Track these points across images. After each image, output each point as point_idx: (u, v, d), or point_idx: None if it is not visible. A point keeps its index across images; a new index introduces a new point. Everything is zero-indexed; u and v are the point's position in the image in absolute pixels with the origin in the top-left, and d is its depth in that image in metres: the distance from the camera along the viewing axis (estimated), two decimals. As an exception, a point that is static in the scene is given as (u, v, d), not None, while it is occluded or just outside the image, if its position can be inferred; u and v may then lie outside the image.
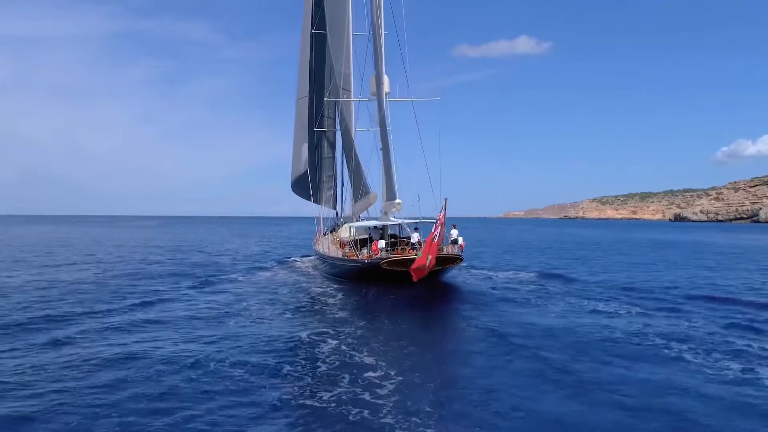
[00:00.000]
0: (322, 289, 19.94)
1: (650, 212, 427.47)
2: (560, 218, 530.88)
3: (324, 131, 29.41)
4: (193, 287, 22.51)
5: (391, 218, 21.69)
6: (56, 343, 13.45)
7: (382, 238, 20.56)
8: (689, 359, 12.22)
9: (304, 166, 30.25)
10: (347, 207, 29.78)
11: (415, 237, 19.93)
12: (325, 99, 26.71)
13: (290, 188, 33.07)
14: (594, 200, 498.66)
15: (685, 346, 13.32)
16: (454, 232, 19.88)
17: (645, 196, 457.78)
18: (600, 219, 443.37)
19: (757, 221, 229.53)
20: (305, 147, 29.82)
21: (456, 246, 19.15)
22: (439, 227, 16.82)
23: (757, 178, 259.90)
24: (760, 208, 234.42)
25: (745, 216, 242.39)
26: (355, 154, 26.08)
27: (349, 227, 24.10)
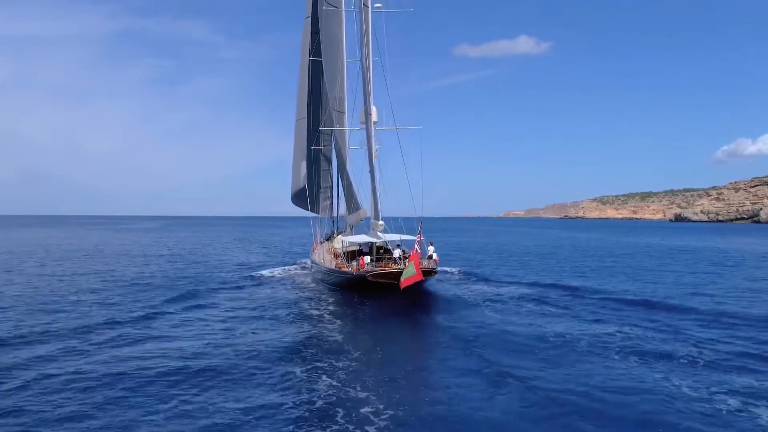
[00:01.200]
0: (317, 296, 22.83)
1: (651, 212, 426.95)
2: (561, 218, 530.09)
3: (321, 149, 32.03)
4: (187, 307, 21.64)
5: (379, 233, 24.47)
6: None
7: (369, 252, 23.47)
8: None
9: (302, 181, 32.74)
10: (341, 220, 32.75)
11: (396, 252, 22.42)
12: (321, 128, 29.70)
13: (290, 200, 36.02)
14: (594, 200, 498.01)
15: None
16: (431, 249, 22.66)
17: (645, 196, 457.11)
18: (600, 219, 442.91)
19: (758, 221, 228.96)
20: (303, 164, 32.27)
21: (431, 260, 21.94)
22: (420, 241, 20.23)
23: (757, 178, 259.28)
24: (761, 209, 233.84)
25: (745, 216, 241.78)
26: (347, 174, 28.87)
27: (342, 240, 26.49)
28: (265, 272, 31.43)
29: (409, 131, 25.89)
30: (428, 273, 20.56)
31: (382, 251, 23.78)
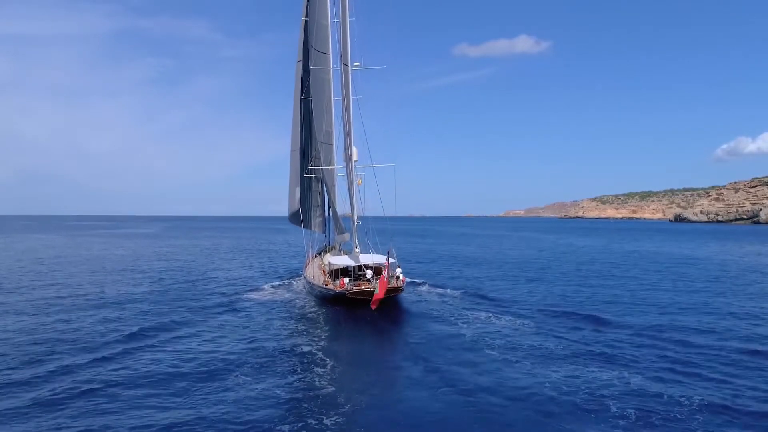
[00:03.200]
0: (309, 310, 26.82)
1: (650, 211, 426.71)
2: (560, 217, 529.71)
3: (313, 176, 35.47)
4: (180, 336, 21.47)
5: (358, 257, 29.30)
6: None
7: (349, 273, 27.82)
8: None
9: (297, 205, 36.77)
10: (332, 234, 36.98)
11: (368, 273, 26.80)
12: (309, 167, 33.67)
13: (288, 219, 40.53)
14: (594, 199, 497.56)
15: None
16: (399, 271, 26.98)
17: (645, 195, 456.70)
18: (600, 218, 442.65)
19: (758, 222, 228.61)
20: (297, 190, 36.49)
21: (398, 281, 25.99)
22: (386, 269, 24.83)
23: (757, 178, 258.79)
24: (761, 209, 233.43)
25: (745, 217, 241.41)
26: (334, 205, 33.43)
27: (328, 262, 30.20)
28: (266, 287, 34.00)
29: (387, 164, 31.25)
30: (395, 291, 25.12)
31: (360, 272, 27.80)
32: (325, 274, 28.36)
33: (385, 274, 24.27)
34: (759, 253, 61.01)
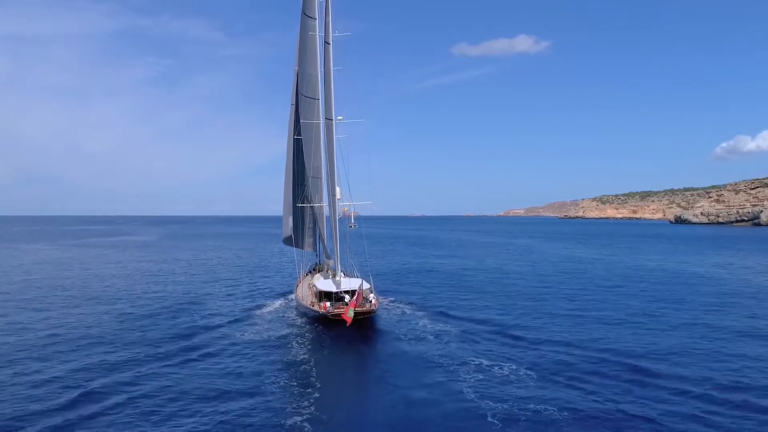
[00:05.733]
0: (298, 329, 30.54)
1: (650, 211, 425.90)
2: (561, 217, 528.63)
3: (304, 206, 39.31)
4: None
5: (340, 283, 32.95)
6: None
7: (331, 296, 31.68)
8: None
9: (290, 231, 41.52)
10: (322, 256, 41.42)
11: (347, 298, 30.87)
12: (299, 204, 38.32)
13: (282, 242, 45.34)
14: (594, 199, 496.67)
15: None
16: (372, 296, 31.25)
17: (645, 195, 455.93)
18: (600, 218, 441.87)
19: (758, 224, 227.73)
20: (290, 218, 41.00)
21: (370, 304, 30.20)
22: (358, 296, 29.26)
23: (758, 180, 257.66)
24: (761, 211, 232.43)
25: (746, 218, 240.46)
26: (321, 232, 38.29)
27: (315, 284, 33.67)
28: (263, 308, 36.82)
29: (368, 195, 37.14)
30: (368, 313, 29.27)
31: (340, 295, 31.77)
32: (312, 295, 32.98)
33: (356, 300, 28.84)
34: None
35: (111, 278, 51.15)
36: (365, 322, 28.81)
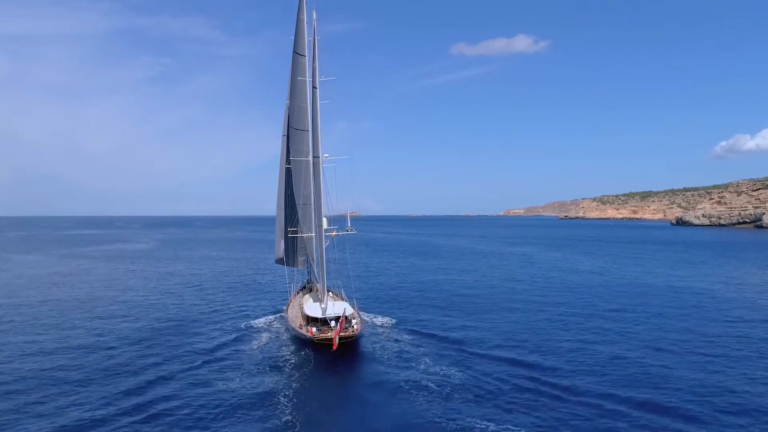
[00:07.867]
0: (285, 349, 33.74)
1: (651, 212, 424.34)
2: (561, 218, 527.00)
3: (296, 230, 41.14)
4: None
5: (328, 304, 35.24)
6: None
7: (317, 322, 33.55)
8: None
9: (282, 254, 44.15)
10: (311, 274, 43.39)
11: (332, 323, 32.53)
12: (290, 229, 40.60)
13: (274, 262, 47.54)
14: (595, 200, 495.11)
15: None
16: (354, 321, 33.01)
17: (646, 195, 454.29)
18: (601, 219, 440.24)
19: (761, 226, 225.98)
20: (282, 242, 43.52)
21: (353, 329, 31.68)
22: (341, 323, 30.49)
23: (759, 181, 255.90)
24: (764, 213, 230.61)
25: (747, 220, 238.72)
26: (310, 256, 40.78)
27: (304, 308, 35.80)
28: (260, 321, 40.28)
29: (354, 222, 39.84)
30: (350, 337, 30.69)
31: (326, 321, 33.46)
32: (301, 317, 35.38)
33: (339, 326, 30.40)
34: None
35: (93, 301, 49.46)
36: (347, 345, 30.36)
